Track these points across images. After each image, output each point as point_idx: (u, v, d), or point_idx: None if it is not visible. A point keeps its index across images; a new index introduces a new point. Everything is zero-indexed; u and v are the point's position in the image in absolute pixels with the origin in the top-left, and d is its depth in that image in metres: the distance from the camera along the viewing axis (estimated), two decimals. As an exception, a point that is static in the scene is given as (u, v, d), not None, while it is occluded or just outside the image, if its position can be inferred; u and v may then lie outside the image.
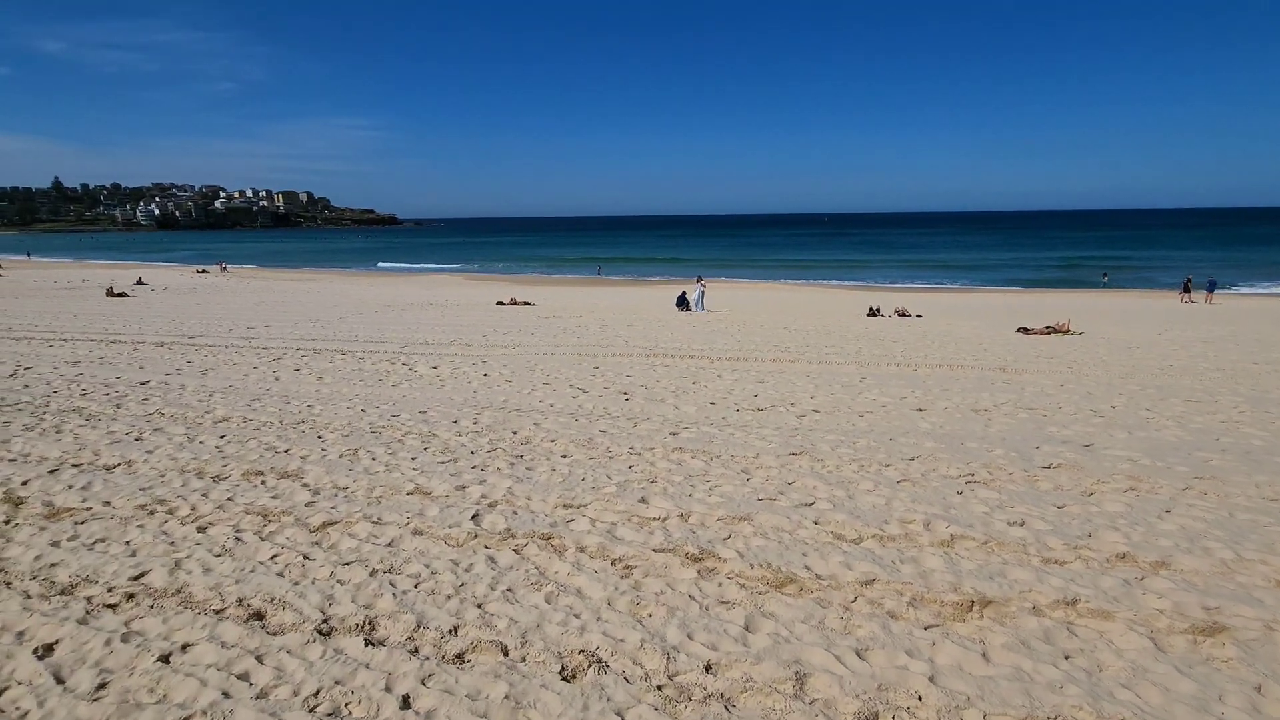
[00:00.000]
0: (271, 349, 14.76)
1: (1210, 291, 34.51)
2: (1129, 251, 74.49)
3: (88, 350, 14.42)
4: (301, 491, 6.06)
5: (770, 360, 13.29)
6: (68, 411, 9.06)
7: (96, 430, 8.07)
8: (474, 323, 20.54)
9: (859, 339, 16.57)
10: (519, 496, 5.92)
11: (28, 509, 5.69)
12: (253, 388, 10.81)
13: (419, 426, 8.35)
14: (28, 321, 19.95)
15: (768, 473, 6.55)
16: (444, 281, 56.17)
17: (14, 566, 4.71)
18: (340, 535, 5.18)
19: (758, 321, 21.51)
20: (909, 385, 10.84)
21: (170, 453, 7.19)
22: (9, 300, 28.81)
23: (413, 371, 12.20)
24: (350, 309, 25.36)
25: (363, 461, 6.94)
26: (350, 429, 8.21)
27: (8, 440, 7.58)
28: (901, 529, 5.15)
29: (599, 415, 8.99)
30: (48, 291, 34.92)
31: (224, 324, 19.57)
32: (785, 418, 8.88)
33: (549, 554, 4.83)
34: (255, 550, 4.94)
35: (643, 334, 17.67)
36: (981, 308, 28.86)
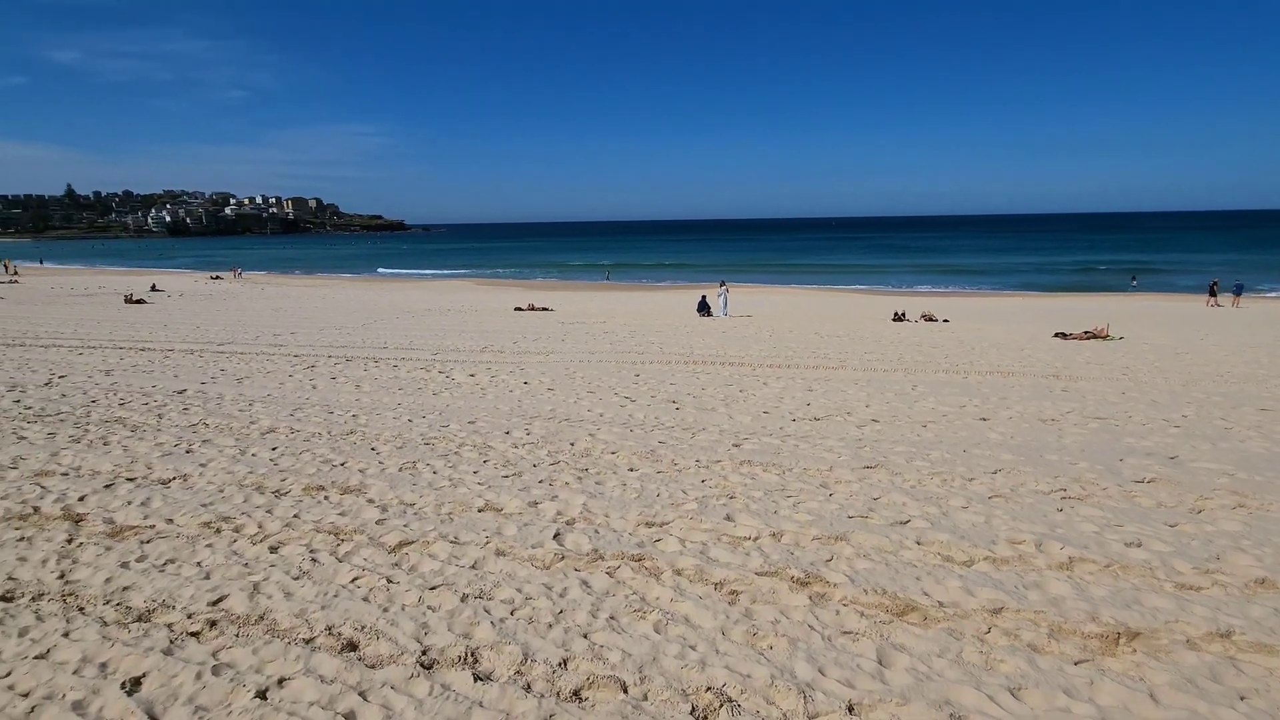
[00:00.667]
0: (303, 356, 14.58)
1: (1238, 295, 34.00)
2: (1145, 255, 73.75)
3: (118, 358, 14.27)
4: (369, 508, 5.82)
5: (813, 367, 13.01)
6: (110, 422, 8.87)
7: (144, 442, 7.87)
8: (498, 329, 20.33)
9: (898, 345, 16.26)
10: (596, 514, 5.67)
11: (89, 527, 5.47)
12: (291, 396, 10.60)
13: (472, 438, 8.12)
14: (53, 329, 19.86)
15: (848, 487, 6.28)
16: (455, 287, 56.16)
17: (85, 590, 4.48)
18: (420, 556, 4.93)
19: (784, 327, 21.23)
20: (964, 393, 10.54)
21: (225, 466, 6.97)
22: (30, 308, 28.82)
23: (450, 379, 11.98)
24: (370, 315, 25.22)
25: (424, 475, 6.70)
26: (402, 440, 7.98)
27: (56, 453, 7.38)
28: (1012, 550, 4.87)
29: (653, 425, 8.73)
30: (66, 298, 34.94)
31: (249, 331, 19.43)
32: (845, 428, 8.61)
33: (645, 577, 4.57)
34: (334, 572, 4.70)
35: (675, 340, 17.42)
36: (1008, 312, 28.49)
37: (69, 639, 3.96)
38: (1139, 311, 28.61)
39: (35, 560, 4.89)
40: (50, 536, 5.29)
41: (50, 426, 8.57)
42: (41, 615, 4.21)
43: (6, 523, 5.54)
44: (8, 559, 4.92)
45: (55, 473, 6.75)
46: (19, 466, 6.92)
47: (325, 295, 40.98)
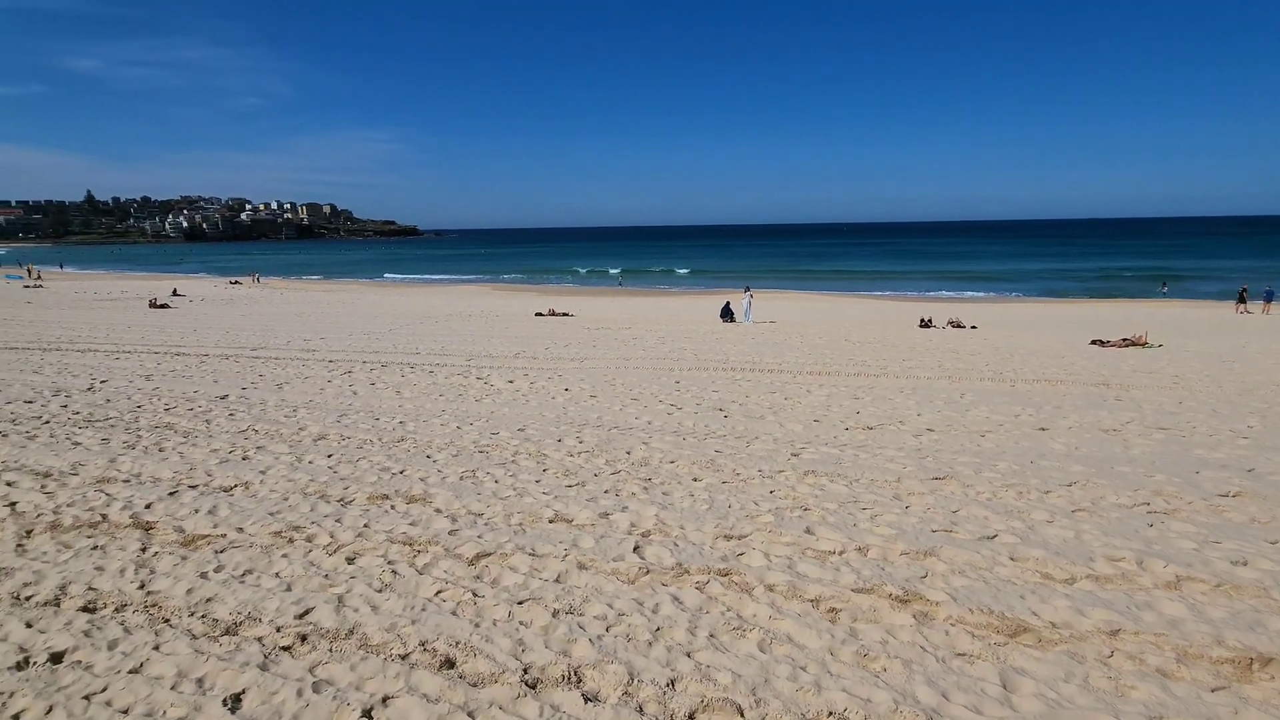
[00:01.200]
0: (338, 362, 14.57)
1: (1269, 301, 33.46)
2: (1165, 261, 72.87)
3: (155, 363, 14.32)
4: (438, 518, 5.74)
5: (854, 375, 12.84)
6: (160, 428, 8.85)
7: (198, 449, 7.83)
8: (526, 334, 20.28)
9: (935, 352, 16.06)
10: (671, 525, 5.55)
11: (160, 535, 5.41)
12: (333, 402, 10.56)
13: (525, 445, 8.02)
14: (85, 333, 19.99)
15: (922, 500, 6.13)
16: (472, 292, 56.34)
17: (168, 601, 4.41)
18: (500, 569, 4.83)
19: (812, 333, 21.04)
20: (1015, 402, 10.35)
21: (284, 474, 6.91)
22: (59, 312, 29.10)
23: (489, 386, 11.91)
24: (394, 320, 25.26)
25: (485, 484, 6.61)
26: (456, 448, 7.90)
27: (114, 459, 7.35)
28: (1113, 567, 4.71)
29: (705, 434, 8.61)
30: (91, 303, 35.28)
31: (280, 335, 19.48)
32: (901, 437, 8.45)
33: (736, 593, 4.45)
34: (416, 585, 4.61)
35: (708, 346, 17.30)
36: (1035, 319, 28.17)
37: (160, 652, 3.89)
38: (1170, 319, 28.21)
39: (113, 570, 4.84)
40: (123, 545, 5.23)
41: (102, 432, 8.56)
42: (129, 627, 4.15)
43: (77, 531, 5.50)
44: (84, 568, 4.86)
45: (117, 479, 6.71)
46: (79, 473, 6.89)
47: (345, 300, 41.17)
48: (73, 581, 4.68)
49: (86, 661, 3.82)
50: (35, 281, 54.13)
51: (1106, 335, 19.50)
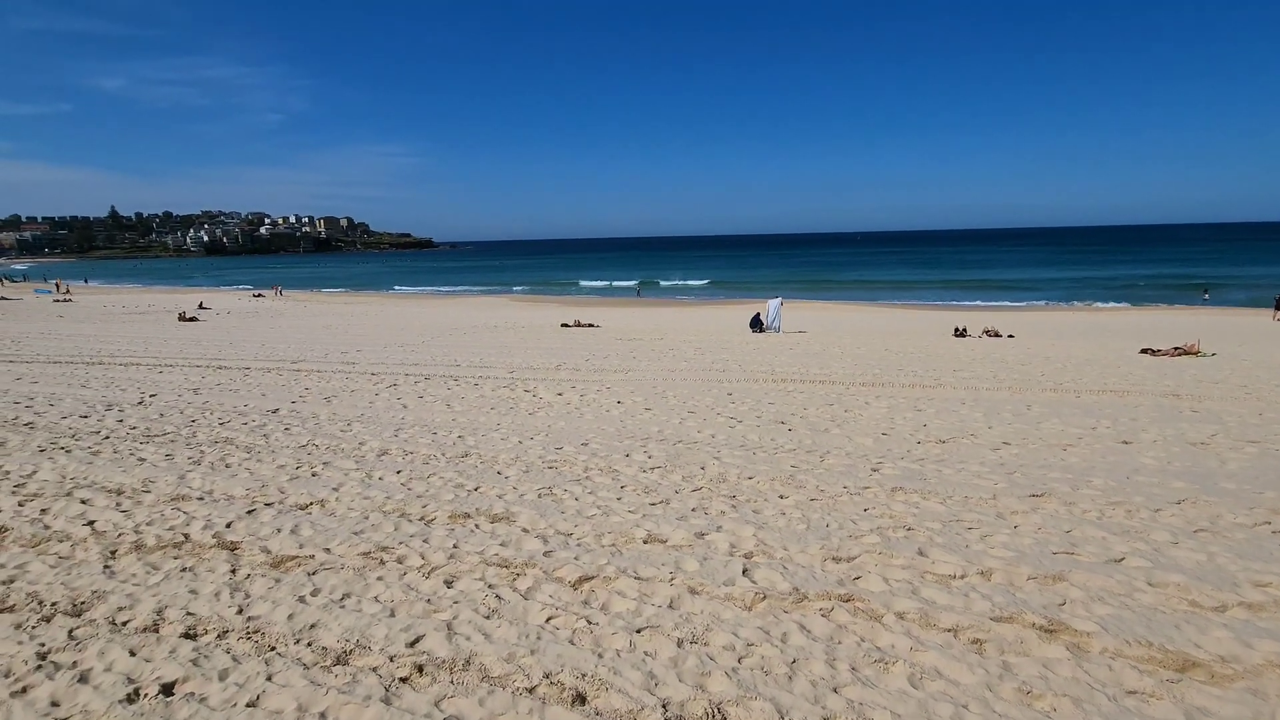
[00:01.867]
0: (380, 375, 14.48)
1: (1308, 309, 32.71)
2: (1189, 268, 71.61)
3: (200, 377, 14.30)
4: (528, 538, 5.54)
5: (909, 385, 12.56)
6: (219, 443, 8.75)
7: (264, 465, 7.70)
8: (560, 346, 20.14)
9: (985, 362, 15.72)
10: (773, 546, 5.32)
11: (248, 556, 5.26)
12: (385, 416, 10.43)
13: (594, 461, 7.83)
14: (123, 347, 20.10)
15: (1027, 519, 5.86)
16: (492, 304, 56.48)
17: (271, 628, 4.24)
18: (607, 593, 4.62)
19: (848, 343, 20.73)
20: (1085, 414, 10.03)
21: (357, 491, 6.76)
22: (93, 325, 29.39)
23: (538, 399, 11.75)
24: (425, 333, 25.24)
25: (566, 502, 6.41)
26: (524, 463, 7.72)
27: (183, 475, 7.24)
28: (1263, 594, 4.42)
29: (774, 448, 8.37)
30: (121, 316, 35.66)
31: (316, 348, 19.47)
32: (979, 451, 8.17)
33: (866, 621, 4.21)
34: (524, 611, 4.41)
35: (749, 357, 17.06)
36: (1073, 327, 27.69)
37: (275, 684, 3.71)
38: (1208, 326, 27.62)
39: (207, 593, 4.68)
40: (212, 567, 5.08)
41: (163, 447, 8.47)
42: (236, 656, 3.98)
43: (162, 551, 5.36)
44: (177, 591, 4.71)
45: (190, 497, 6.59)
46: (151, 490, 6.78)
47: (370, 313, 41.34)
48: (168, 605, 4.53)
49: (200, 693, 3.65)
50: (64, 296, 54.88)
51: (1151, 344, 19.07)
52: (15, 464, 7.68)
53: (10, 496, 6.60)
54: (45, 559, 5.24)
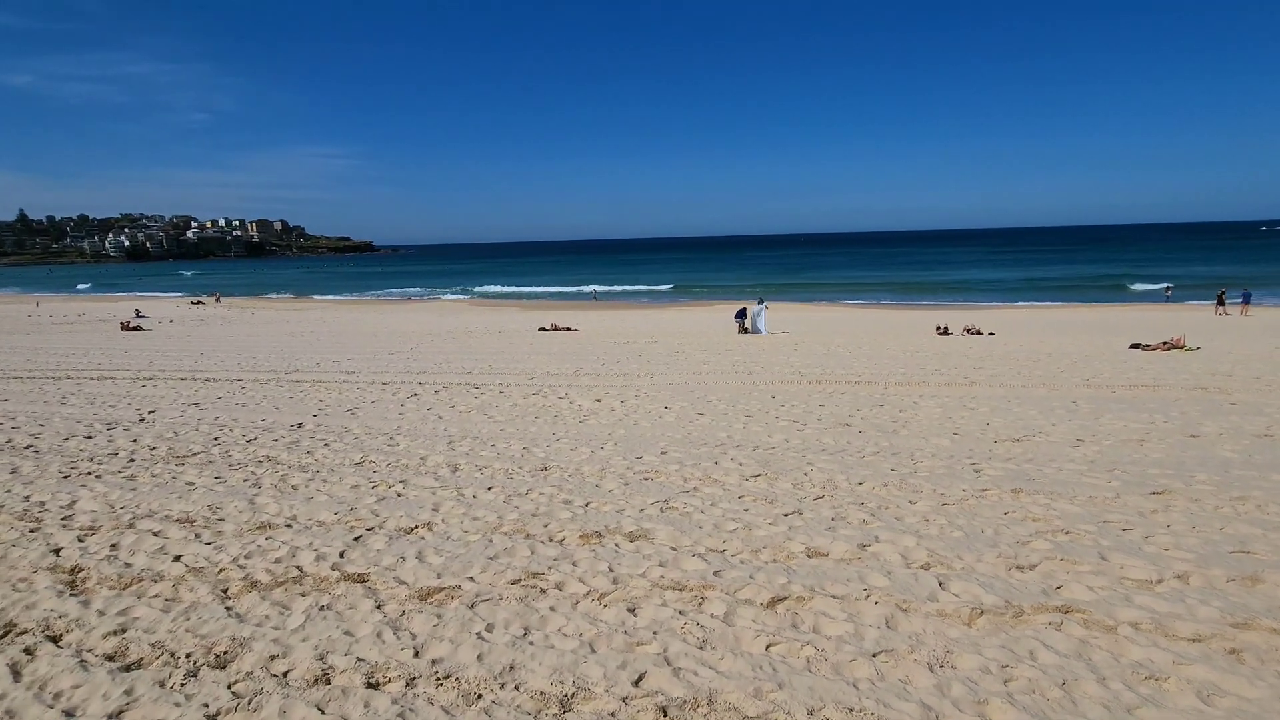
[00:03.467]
0: (390, 384, 13.74)
1: (1245, 303, 34.92)
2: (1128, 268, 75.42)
3: (192, 390, 13.26)
4: (685, 557, 5.17)
5: (944, 385, 12.63)
6: (263, 462, 8.03)
7: (333, 485, 7.07)
8: (563, 351, 19.63)
9: (995, 359, 15.99)
10: (947, 557, 5.10)
11: (384, 589, 4.72)
12: (425, 428, 9.83)
13: (687, 470, 7.48)
14: (84, 359, 18.59)
15: (1170, 516, 5.83)
16: (454, 308, 55.18)
17: (463, 671, 3.77)
18: (812, 615, 4.31)
19: (840, 342, 20.87)
20: (1135, 409, 10.25)
21: (459, 510, 6.24)
22: (27, 336, 27.25)
23: (577, 406, 11.31)
24: (405, 339, 24.31)
25: (694, 516, 6.06)
26: (617, 476, 7.31)
27: (251, 500, 6.55)
28: None
29: (858, 452, 8.20)
30: (54, 327, 33.29)
31: (303, 358, 18.41)
32: (1059, 449, 8.18)
33: (1103, 634, 4.02)
34: (735, 638, 4.06)
35: (763, 359, 16.93)
36: (1048, 324, 28.71)
37: (512, 740, 3.27)
38: (1168, 321, 29.08)
39: (366, 634, 4.15)
40: (352, 604, 4.54)
41: (204, 469, 7.71)
42: (445, 707, 3.50)
43: (283, 588, 4.77)
44: (331, 634, 4.16)
45: (275, 524, 5.95)
46: (226, 518, 6.10)
47: (329, 319, 39.71)
48: (329, 650, 3.99)
49: (432, 756, 3.18)
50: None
51: (1134, 339, 19.87)
52: (45, 493, 6.83)
53: (64, 530, 5.83)
54: (149, 603, 4.59)
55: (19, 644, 4.13)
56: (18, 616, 4.44)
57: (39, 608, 4.56)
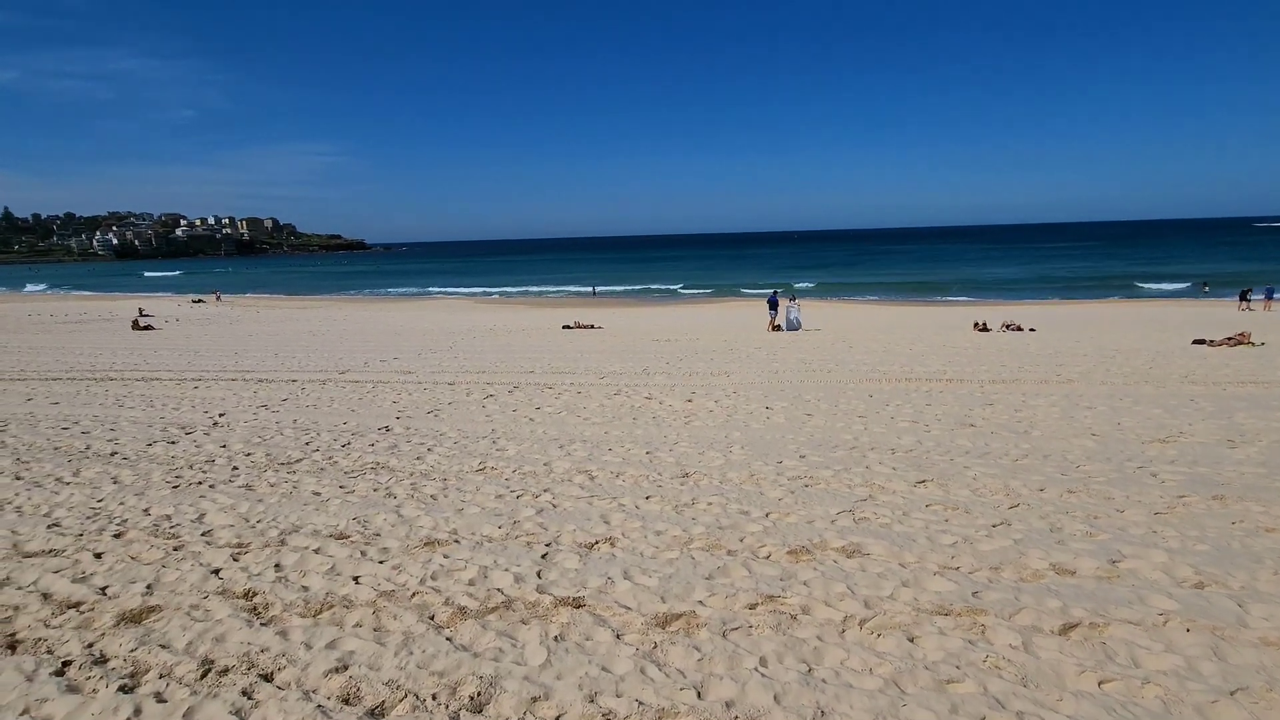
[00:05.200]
0: (457, 384, 13.21)
1: (1269, 299, 34.90)
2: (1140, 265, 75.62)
3: (251, 391, 12.68)
4: (926, 576, 4.68)
5: (1043, 382, 12.22)
6: (376, 469, 7.51)
7: (475, 494, 6.55)
8: (615, 348, 19.11)
9: (1067, 356, 15.58)
10: (1216, 574, 4.64)
11: (613, 616, 4.22)
12: (523, 431, 9.32)
13: (844, 476, 6.99)
14: (120, 359, 17.92)
15: None
16: (465, 306, 54.63)
17: (773, 718, 3.27)
18: (1124, 646, 3.83)
19: (889, 339, 20.42)
20: (1262, 408, 9.87)
21: (632, 523, 5.73)
22: (40, 336, 26.45)
23: (669, 406, 10.81)
24: (432, 337, 23.74)
25: (894, 528, 5.57)
26: (773, 482, 6.82)
27: (398, 511, 6.02)
28: None
29: (1003, 455, 7.73)
30: (61, 327, 32.41)
31: (346, 357, 17.81)
32: (1216, 450, 7.77)
33: None
34: (1058, 675, 3.58)
35: (830, 356, 16.47)
36: (1088, 320, 28.43)
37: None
38: (1200, 317, 28.91)
39: (626, 671, 3.64)
40: (586, 634, 4.03)
41: (319, 477, 7.18)
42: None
43: (497, 614, 4.25)
44: (587, 671, 3.65)
45: (441, 540, 5.42)
46: (384, 534, 5.56)
47: (341, 318, 39.05)
48: (598, 691, 3.49)
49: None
50: (-21, 305, 49.55)
51: (1175, 333, 19.61)
52: (165, 506, 6.27)
53: (212, 549, 5.28)
54: (356, 633, 4.07)
55: (232, 685, 3.60)
56: (212, 651, 3.92)
57: (230, 640, 4.03)
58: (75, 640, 4.05)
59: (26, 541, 5.47)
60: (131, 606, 4.43)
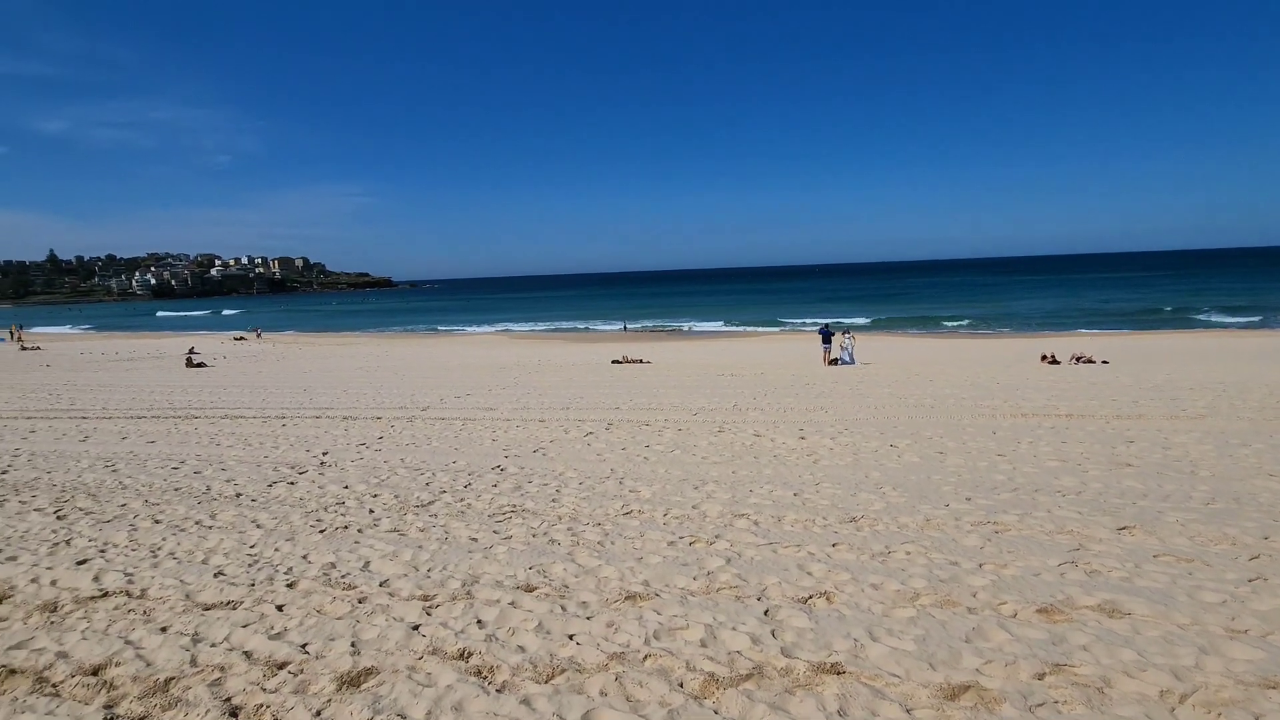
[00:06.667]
0: (547, 421, 12.86)
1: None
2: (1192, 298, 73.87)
3: (341, 429, 12.46)
4: (1222, 642, 4.16)
5: (1172, 418, 11.55)
6: (517, 512, 7.13)
7: (634, 540, 6.14)
8: (685, 384, 18.71)
9: (1171, 390, 14.87)
10: None
11: (890, 686, 3.75)
12: (645, 471, 8.92)
13: (1028, 520, 6.47)
14: (192, 398, 17.90)
15: None
16: (501, 341, 54.75)
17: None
18: None
19: (965, 373, 19.73)
20: None
21: (838, 574, 5.27)
22: (105, 373, 26.71)
23: (783, 444, 10.35)
24: (488, 373, 23.52)
25: (1135, 582, 5.04)
26: (953, 527, 6.33)
27: (573, 563, 5.62)
28: None
29: (1186, 497, 7.15)
30: (118, 364, 32.78)
31: (421, 393, 17.62)
32: None
33: None
34: None
35: (914, 391, 15.91)
36: (1160, 352, 27.51)
37: None
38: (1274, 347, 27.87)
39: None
40: (872, 708, 3.56)
41: (467, 521, 6.81)
42: None
43: (753, 683, 3.80)
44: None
45: (642, 594, 5.00)
46: (574, 585, 5.15)
47: (383, 354, 39.27)
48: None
49: None
50: (31, 344, 50.56)
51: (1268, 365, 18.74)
52: (324, 553, 5.94)
53: (400, 601, 4.91)
54: (607, 704, 3.64)
55: (502, 768, 3.19)
56: (457, 726, 3.51)
57: (471, 709, 3.64)
58: (301, 708, 3.68)
59: (198, 592, 5.15)
60: (344, 668, 4.06)
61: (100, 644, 4.36)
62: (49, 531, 6.63)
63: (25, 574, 5.51)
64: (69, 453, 10.74)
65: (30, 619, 4.73)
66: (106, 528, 6.72)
